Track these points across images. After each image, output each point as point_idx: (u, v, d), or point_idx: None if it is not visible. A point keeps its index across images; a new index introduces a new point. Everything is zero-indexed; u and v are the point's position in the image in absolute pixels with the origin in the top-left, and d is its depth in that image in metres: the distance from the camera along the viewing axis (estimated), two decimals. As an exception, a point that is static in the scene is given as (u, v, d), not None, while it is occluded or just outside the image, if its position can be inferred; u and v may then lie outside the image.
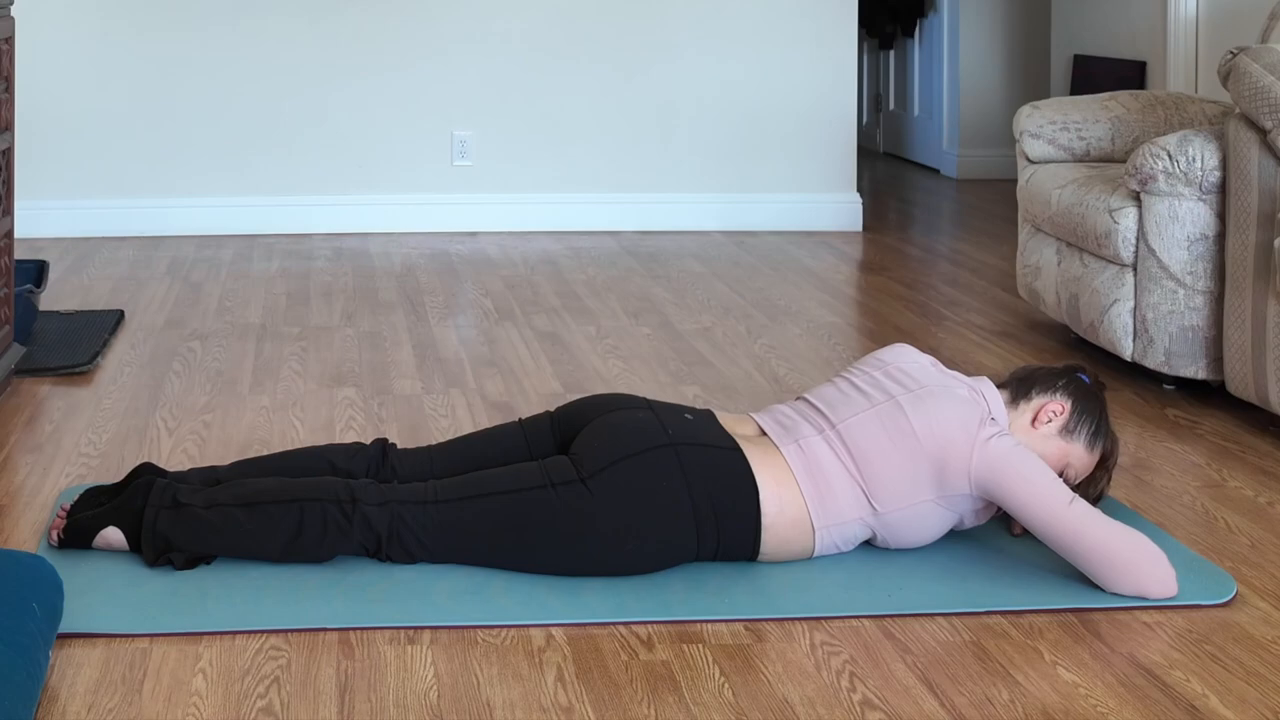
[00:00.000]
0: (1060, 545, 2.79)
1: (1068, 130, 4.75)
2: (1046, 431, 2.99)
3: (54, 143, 6.48)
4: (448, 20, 6.64)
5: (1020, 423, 3.00)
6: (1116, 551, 2.75)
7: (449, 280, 5.67)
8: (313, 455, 3.06)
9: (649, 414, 2.93)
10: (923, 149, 9.05)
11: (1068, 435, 3.00)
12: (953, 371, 3.04)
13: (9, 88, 4.11)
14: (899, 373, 2.98)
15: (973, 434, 2.84)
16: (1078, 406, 3.01)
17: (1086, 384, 3.06)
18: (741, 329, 4.91)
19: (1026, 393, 3.03)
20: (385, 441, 3.08)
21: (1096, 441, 3.02)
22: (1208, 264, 3.99)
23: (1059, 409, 3.00)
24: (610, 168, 6.75)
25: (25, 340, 4.39)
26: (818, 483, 2.86)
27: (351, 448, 3.07)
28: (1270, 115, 3.71)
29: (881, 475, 2.86)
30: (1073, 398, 3.02)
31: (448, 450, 3.07)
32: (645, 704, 2.38)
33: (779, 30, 6.75)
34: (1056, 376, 3.06)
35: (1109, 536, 2.76)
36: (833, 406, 2.95)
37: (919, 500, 2.86)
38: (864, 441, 2.87)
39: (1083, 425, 3.01)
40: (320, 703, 2.39)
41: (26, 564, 2.47)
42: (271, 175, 6.62)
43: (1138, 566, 2.75)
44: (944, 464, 2.84)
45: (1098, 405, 3.04)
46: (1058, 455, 2.99)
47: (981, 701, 2.40)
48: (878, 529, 2.90)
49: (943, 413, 2.86)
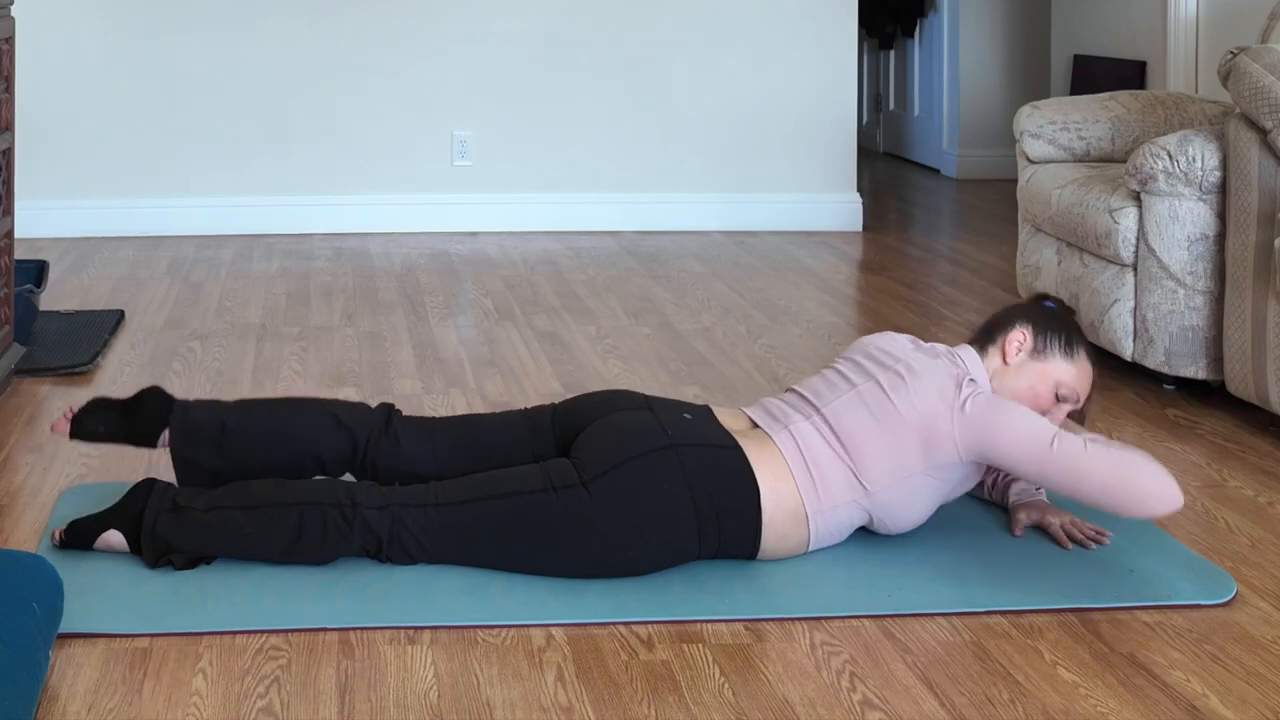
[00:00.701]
0: (1057, 487, 2.80)
1: (1068, 130, 4.75)
2: (1019, 362, 3.01)
3: (54, 143, 6.48)
4: (448, 20, 6.64)
5: (994, 366, 3.02)
6: (1111, 479, 2.74)
7: (449, 280, 5.67)
8: (319, 408, 3.07)
9: (648, 415, 2.94)
10: (923, 149, 9.05)
11: (1040, 356, 3.01)
12: (931, 344, 3.05)
13: (9, 88, 4.11)
14: (879, 352, 3.00)
15: (951, 400, 2.86)
16: (1039, 327, 3.04)
17: (1045, 306, 3.09)
18: (741, 329, 4.91)
19: (992, 336, 3.06)
20: (391, 407, 3.08)
21: (1073, 351, 3.02)
22: (1208, 264, 3.99)
23: (1022, 336, 3.02)
24: (610, 168, 6.75)
25: (25, 340, 4.39)
26: (809, 467, 2.87)
27: (359, 407, 3.08)
28: (1270, 115, 3.71)
29: (868, 453, 2.87)
30: (1031, 321, 3.05)
31: (450, 429, 3.06)
32: (645, 704, 2.38)
33: (779, 30, 6.75)
34: (1014, 310, 3.10)
35: (1099, 466, 2.75)
36: (819, 394, 2.98)
37: (908, 474, 2.87)
38: (849, 423, 2.89)
39: (1051, 341, 3.02)
40: (320, 703, 2.39)
41: (26, 564, 2.47)
42: (271, 175, 6.62)
43: (1136, 489, 2.73)
44: (928, 434, 2.85)
45: (1060, 321, 3.05)
46: (1040, 381, 2.99)
47: (981, 701, 2.40)
48: (871, 510, 2.90)
49: (921, 385, 2.88)
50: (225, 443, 3.01)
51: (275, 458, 3.01)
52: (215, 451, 3.01)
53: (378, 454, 3.01)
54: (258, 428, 3.02)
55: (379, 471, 3.02)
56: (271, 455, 3.01)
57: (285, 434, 3.02)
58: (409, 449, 3.02)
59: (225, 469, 3.00)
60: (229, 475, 3.00)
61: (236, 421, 3.03)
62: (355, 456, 3.02)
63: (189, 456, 3.01)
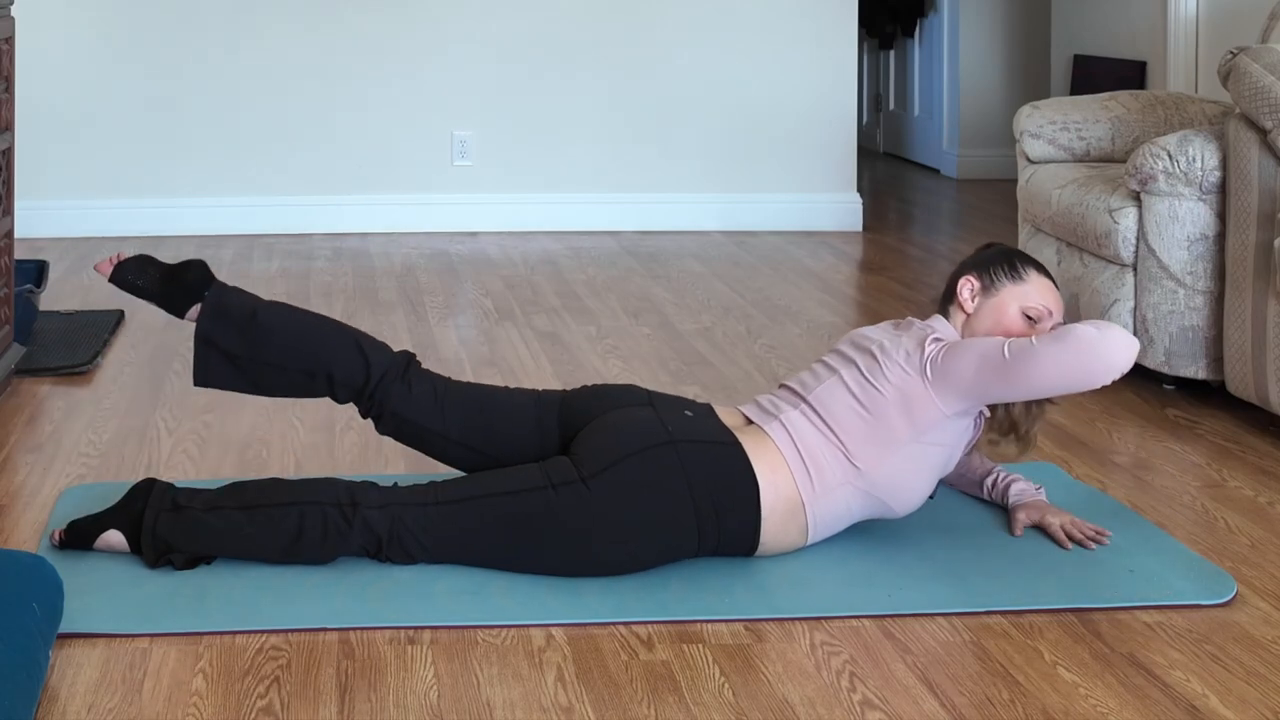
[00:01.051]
0: (1028, 392, 2.86)
1: (1068, 130, 4.75)
2: (976, 306, 3.04)
3: (54, 143, 6.48)
4: (448, 20, 6.64)
5: (959, 320, 3.06)
6: (1065, 358, 2.80)
7: (449, 280, 5.67)
8: (346, 331, 3.09)
9: (649, 411, 2.94)
10: (923, 149, 9.05)
11: (991, 291, 3.04)
12: (907, 319, 3.09)
13: (9, 88, 4.11)
14: (858, 337, 3.04)
15: (918, 362, 2.89)
16: (981, 267, 3.07)
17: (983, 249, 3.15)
18: (741, 329, 4.91)
19: (949, 297, 3.10)
20: (412, 356, 3.10)
21: (1019, 271, 3.05)
22: (1208, 264, 3.99)
23: (969, 283, 3.06)
24: (610, 168, 6.75)
25: (25, 340, 4.39)
26: (802, 455, 2.88)
27: (381, 345, 3.09)
28: (1270, 115, 3.71)
29: (856, 434, 2.88)
30: (974, 264, 3.09)
31: (461, 396, 3.06)
32: (645, 704, 2.38)
33: (779, 30, 6.75)
34: (958, 266, 3.14)
35: (1050, 351, 2.81)
36: (805, 385, 3.01)
37: (898, 447, 2.87)
38: (834, 406, 2.92)
39: (995, 273, 3.05)
40: (320, 703, 2.39)
41: (26, 564, 2.47)
42: (271, 175, 6.62)
43: (1091, 354, 2.79)
44: (908, 401, 2.88)
45: (999, 254, 3.10)
46: (1000, 312, 3.01)
47: (981, 701, 2.40)
48: (870, 490, 2.90)
49: (893, 356, 2.92)
50: (250, 330, 3.03)
51: (291, 360, 3.03)
52: (238, 335, 3.03)
53: (387, 394, 3.02)
54: (284, 327, 3.04)
55: (384, 412, 3.03)
56: (288, 356, 3.03)
57: (308, 341, 3.04)
58: (419, 400, 3.03)
59: (242, 355, 3.03)
60: (243, 362, 3.02)
61: (266, 316, 3.05)
62: (366, 387, 3.03)
63: (212, 335, 3.04)
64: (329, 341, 3.05)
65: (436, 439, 3.02)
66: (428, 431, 3.03)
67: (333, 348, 3.04)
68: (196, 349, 3.05)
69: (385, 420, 3.05)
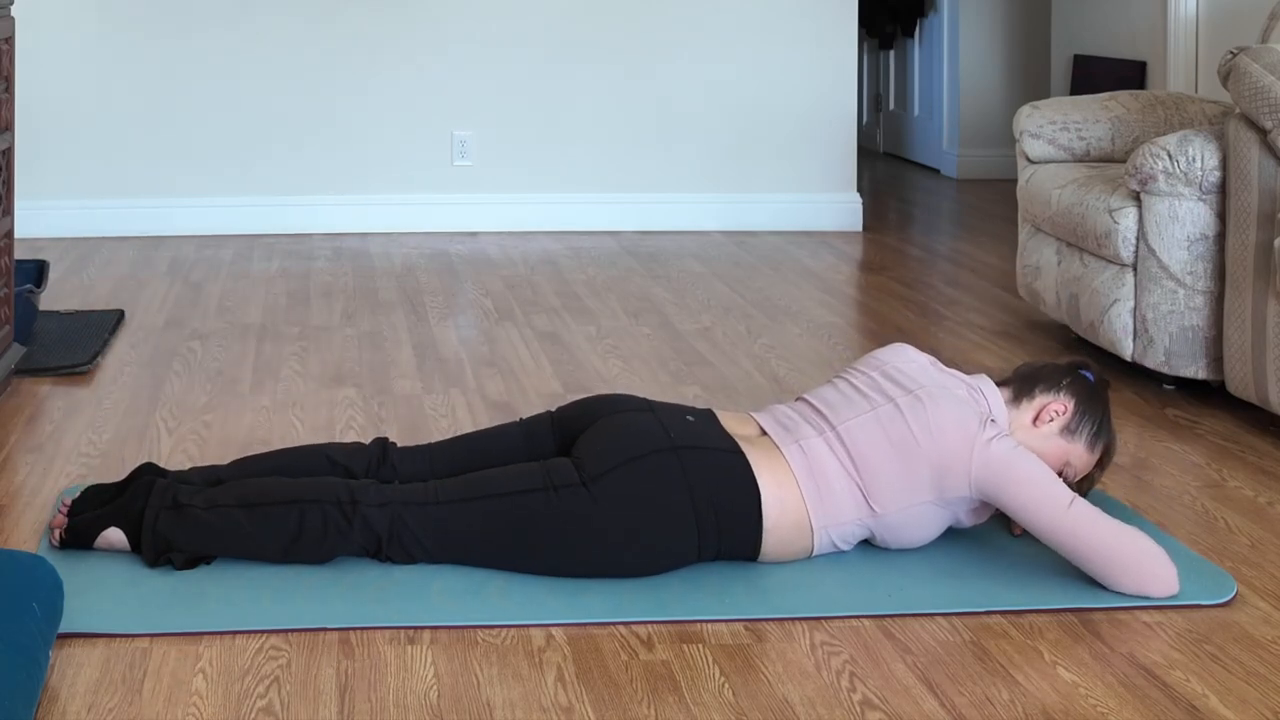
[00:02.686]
0: (1061, 547, 2.79)
1: (1068, 130, 4.75)
2: (1048, 431, 2.99)
3: (54, 143, 6.48)
4: (448, 20, 6.64)
5: (1021, 421, 2.99)
6: (1118, 551, 2.75)
7: (449, 280, 5.67)
8: (313, 454, 3.06)
9: (651, 416, 2.93)
10: (923, 149, 9.05)
11: (1069, 435, 2.99)
12: (952, 370, 3.03)
13: (9, 88, 4.11)
14: (897, 373, 2.98)
15: (972, 437, 2.83)
16: (1080, 407, 3.01)
17: (1090, 382, 3.05)
18: (741, 329, 4.91)
19: (1030, 391, 3.02)
20: (385, 441, 3.08)
21: (1098, 441, 3.02)
22: (1208, 264, 3.99)
23: (1061, 409, 2.99)
24: (610, 168, 6.75)
25: (25, 340, 4.39)
26: (818, 483, 2.85)
27: (351, 447, 3.06)
28: (1270, 115, 3.71)
29: (880, 477, 2.85)
30: (1075, 397, 3.01)
31: (448, 450, 3.07)
32: (645, 704, 2.38)
33: (779, 30, 6.75)
34: (1060, 374, 3.05)
35: (1109, 537, 2.76)
36: (833, 408, 2.95)
37: (917, 502, 2.86)
38: (863, 444, 2.87)
39: (1084, 425, 3.00)
40: (320, 703, 2.39)
41: (26, 564, 2.47)
42: (271, 175, 6.62)
43: (1139, 566, 2.75)
44: (943, 467, 2.83)
45: (1100, 405, 3.03)
46: (1058, 454, 2.98)
47: (981, 701, 2.40)
48: (876, 529, 2.90)
49: (942, 416, 2.86)
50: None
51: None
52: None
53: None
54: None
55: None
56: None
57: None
58: (407, 475, 3.00)
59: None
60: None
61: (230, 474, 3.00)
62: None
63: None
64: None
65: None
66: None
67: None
68: None
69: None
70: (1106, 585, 2.76)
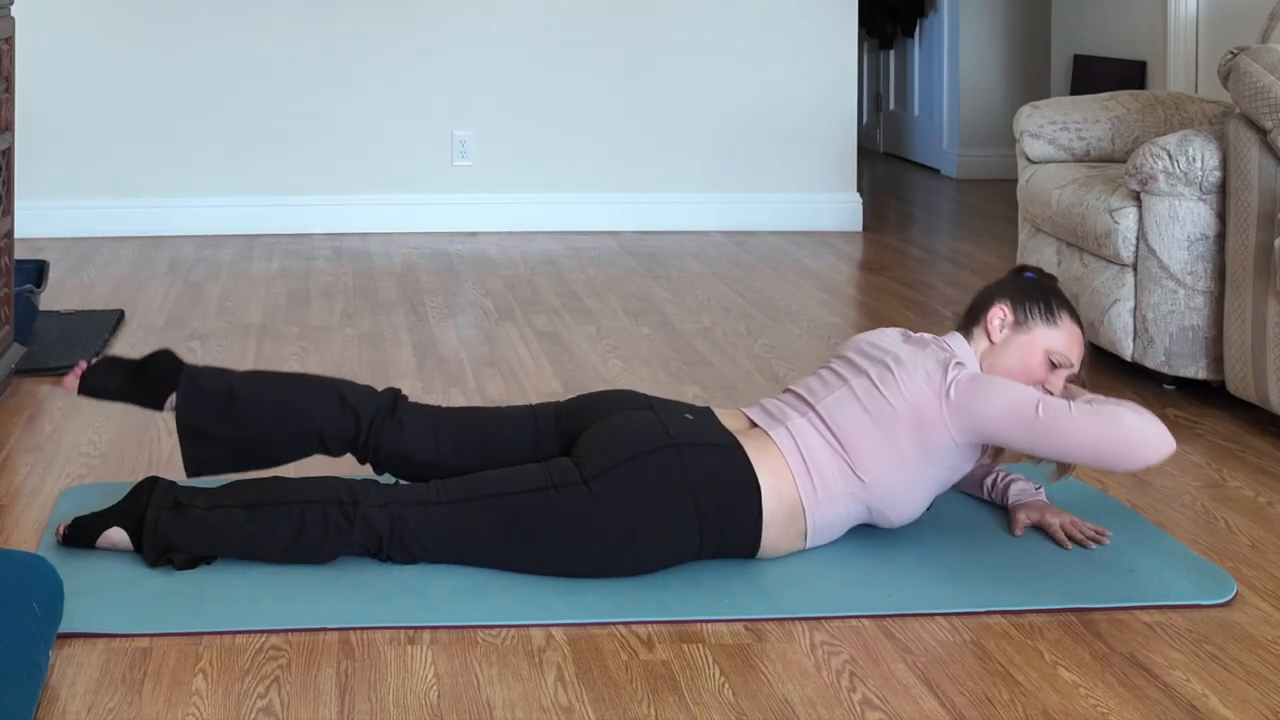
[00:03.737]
0: (1049, 453, 2.82)
1: (1068, 130, 4.75)
2: (1004, 339, 3.01)
3: (54, 143, 6.48)
4: (448, 20, 6.64)
5: (982, 347, 3.03)
6: (1100, 441, 2.76)
7: (449, 280, 5.67)
8: (326, 387, 3.07)
9: (650, 414, 2.94)
10: (923, 149, 9.05)
11: (1023, 329, 3.01)
12: (920, 334, 3.05)
13: (9, 88, 4.11)
14: (869, 346, 3.02)
15: (938, 385, 2.87)
16: (1018, 299, 3.03)
17: (1022, 277, 3.10)
18: (741, 329, 4.91)
19: (974, 318, 3.07)
20: (397, 393, 3.08)
21: (1055, 315, 3.02)
22: (1208, 264, 3.99)
23: (1002, 312, 3.03)
24: (610, 168, 6.75)
25: (25, 340, 4.39)
26: (806, 462, 2.88)
27: (366, 389, 3.07)
28: (1270, 115, 3.71)
29: (863, 446, 2.87)
30: (1009, 294, 3.05)
31: (455, 421, 3.06)
32: (645, 704, 2.38)
33: (779, 30, 6.75)
34: (991, 287, 3.10)
35: (1086, 426, 2.76)
36: (813, 392, 2.99)
37: (904, 465, 2.87)
38: (843, 417, 2.90)
39: (1031, 311, 3.02)
40: (320, 703, 2.39)
41: (26, 564, 2.47)
42: (271, 175, 6.62)
43: (1125, 444, 2.75)
44: (920, 422, 2.86)
45: (1038, 288, 3.05)
46: (1028, 352, 2.99)
47: (981, 701, 2.40)
48: (869, 503, 2.89)
49: (908, 374, 2.89)
50: (230, 410, 3.01)
51: (278, 430, 3.01)
52: (220, 418, 3.00)
53: (380, 437, 3.01)
54: (264, 399, 3.02)
55: (380, 455, 3.02)
56: (275, 427, 3.01)
57: (290, 408, 3.02)
58: (412, 435, 3.02)
59: (228, 437, 3.01)
60: (233, 443, 3.00)
61: (244, 390, 3.03)
62: (358, 437, 3.02)
63: (193, 422, 3.01)
64: (312, 402, 3.02)
65: (435, 469, 3.00)
66: (425, 465, 3.00)
67: (317, 407, 3.00)
68: (181, 440, 3.02)
69: (382, 462, 3.03)
70: (1108, 470, 2.78)
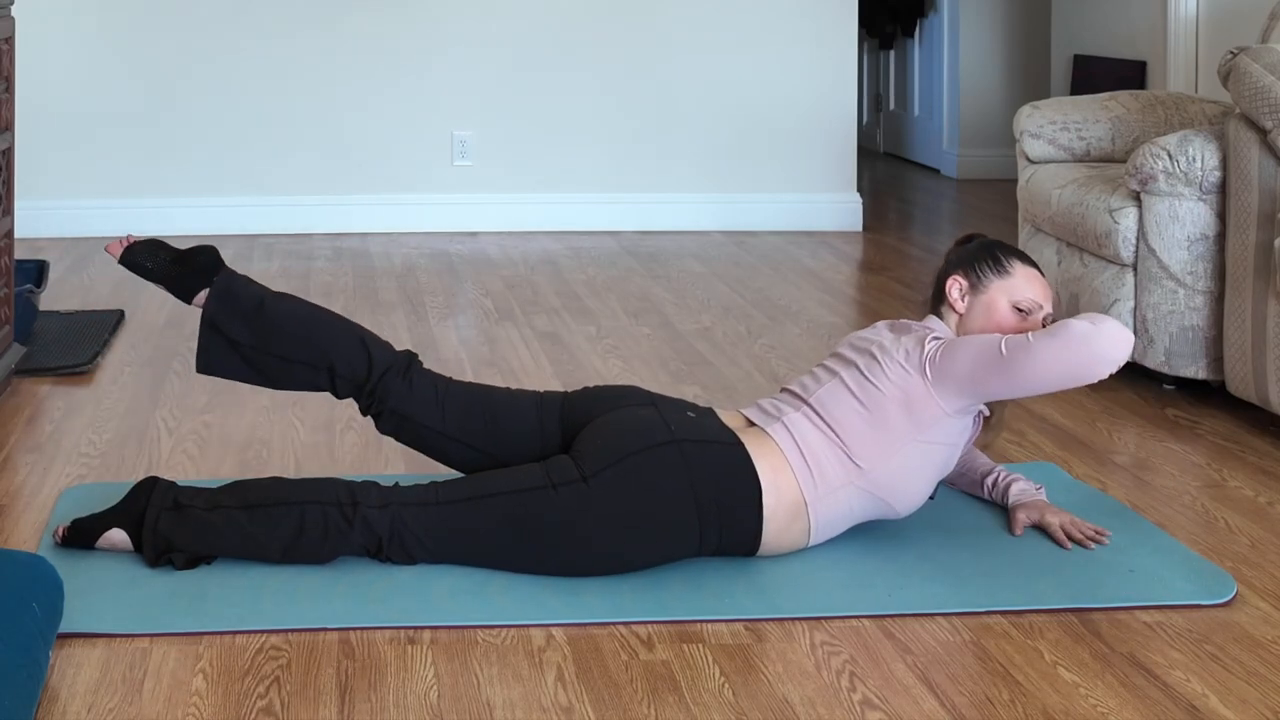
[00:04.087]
0: (1026, 388, 2.86)
1: (1068, 130, 4.75)
2: (967, 306, 3.06)
3: (54, 143, 6.48)
4: (448, 20, 6.64)
5: (952, 321, 3.07)
6: (1061, 354, 2.80)
7: (449, 280, 5.67)
8: (350, 327, 3.09)
9: (652, 410, 2.94)
10: (923, 149, 9.05)
11: (981, 288, 3.05)
12: (903, 320, 3.09)
13: (9, 88, 4.11)
14: (856, 339, 3.05)
15: (918, 360, 2.90)
16: (966, 265, 3.08)
17: (963, 244, 3.16)
18: (741, 329, 4.91)
19: (939, 297, 3.11)
20: (414, 355, 3.10)
21: (1004, 265, 3.07)
22: (1208, 264, 3.99)
23: (957, 283, 3.07)
24: (610, 168, 6.75)
25: (25, 340, 4.39)
26: (805, 456, 2.89)
27: (385, 343, 3.10)
28: (1270, 115, 3.71)
29: (857, 433, 2.89)
30: (959, 262, 3.10)
31: (463, 396, 3.06)
32: (645, 704, 2.38)
33: (779, 30, 6.75)
34: (942, 266, 3.14)
35: (1046, 347, 2.81)
36: (806, 388, 3.02)
37: (900, 446, 2.88)
38: (835, 407, 2.92)
39: (981, 270, 3.07)
40: (320, 703, 2.39)
41: (26, 564, 2.47)
42: (271, 175, 6.62)
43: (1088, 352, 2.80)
44: (908, 400, 2.89)
45: (980, 248, 3.10)
46: (992, 309, 3.03)
47: (981, 701, 2.40)
48: (872, 490, 2.90)
49: (892, 356, 2.93)
50: (256, 319, 3.04)
51: (295, 351, 3.04)
52: (244, 324, 3.04)
53: (388, 390, 3.03)
54: (291, 317, 3.06)
55: (384, 409, 3.03)
56: (293, 347, 3.04)
57: (313, 333, 3.05)
58: (418, 396, 3.03)
59: (246, 344, 3.04)
60: (247, 350, 3.03)
61: (273, 306, 3.06)
62: (367, 383, 3.03)
63: (218, 321, 3.04)
64: (334, 334, 3.06)
65: (436, 437, 3.02)
66: (427, 429, 3.03)
67: (337, 341, 3.05)
68: (201, 334, 3.06)
69: (385, 417, 3.05)
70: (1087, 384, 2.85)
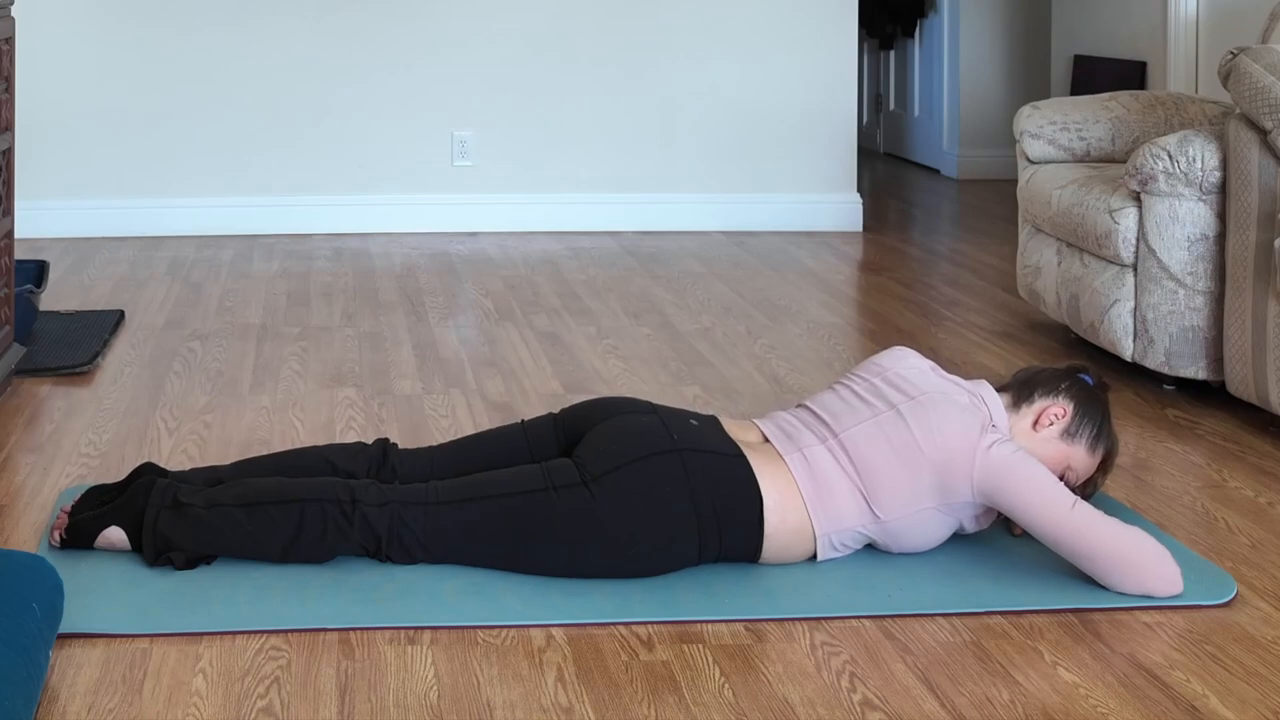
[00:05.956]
0: (1064, 549, 2.79)
1: (1068, 130, 4.75)
2: (1048, 435, 2.99)
3: (54, 143, 6.48)
4: (448, 20, 6.64)
5: (1021, 426, 2.99)
6: (1121, 552, 2.75)
7: (449, 280, 5.67)
8: (314, 455, 3.06)
9: (654, 418, 2.93)
10: (923, 149, 9.05)
11: (1069, 439, 2.99)
12: (952, 376, 3.03)
13: (9, 88, 4.11)
14: (899, 379, 2.98)
15: (974, 442, 2.83)
16: (1080, 409, 3.01)
17: (1089, 385, 3.06)
18: (741, 329, 4.91)
19: (1029, 396, 3.02)
20: (386, 442, 3.08)
21: (1098, 444, 3.02)
22: (1208, 264, 3.99)
23: (1061, 412, 2.99)
24: (610, 168, 6.75)
25: (25, 340, 4.39)
26: (820, 491, 2.85)
27: (353, 448, 3.06)
28: (1270, 115, 3.71)
29: (883, 483, 2.85)
30: (1075, 400, 3.02)
31: (449, 452, 3.07)
32: (645, 704, 2.38)
33: (779, 30, 6.75)
34: (1059, 379, 3.05)
35: (1113, 538, 2.76)
36: (835, 415, 2.95)
37: (921, 508, 2.86)
38: (866, 450, 2.87)
39: (1084, 428, 3.00)
40: (320, 703, 2.39)
41: (26, 564, 2.47)
42: (271, 175, 6.62)
43: (1143, 566, 2.75)
44: (946, 472, 2.84)
45: (1100, 408, 3.03)
46: (1059, 458, 2.99)
47: (981, 701, 2.40)
48: (879, 535, 2.90)
49: (944, 421, 2.86)
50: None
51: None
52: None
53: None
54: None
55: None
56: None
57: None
58: (407, 477, 3.00)
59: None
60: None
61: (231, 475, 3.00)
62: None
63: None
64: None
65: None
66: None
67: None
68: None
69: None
70: (1109, 587, 2.76)
